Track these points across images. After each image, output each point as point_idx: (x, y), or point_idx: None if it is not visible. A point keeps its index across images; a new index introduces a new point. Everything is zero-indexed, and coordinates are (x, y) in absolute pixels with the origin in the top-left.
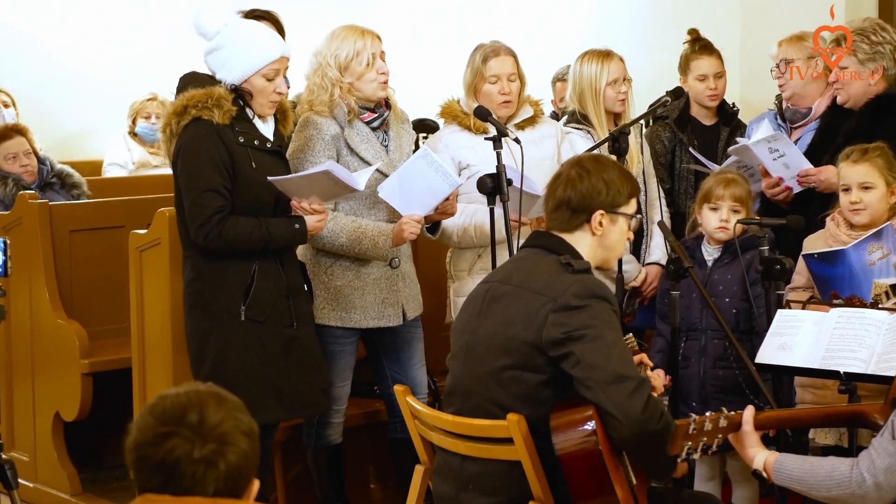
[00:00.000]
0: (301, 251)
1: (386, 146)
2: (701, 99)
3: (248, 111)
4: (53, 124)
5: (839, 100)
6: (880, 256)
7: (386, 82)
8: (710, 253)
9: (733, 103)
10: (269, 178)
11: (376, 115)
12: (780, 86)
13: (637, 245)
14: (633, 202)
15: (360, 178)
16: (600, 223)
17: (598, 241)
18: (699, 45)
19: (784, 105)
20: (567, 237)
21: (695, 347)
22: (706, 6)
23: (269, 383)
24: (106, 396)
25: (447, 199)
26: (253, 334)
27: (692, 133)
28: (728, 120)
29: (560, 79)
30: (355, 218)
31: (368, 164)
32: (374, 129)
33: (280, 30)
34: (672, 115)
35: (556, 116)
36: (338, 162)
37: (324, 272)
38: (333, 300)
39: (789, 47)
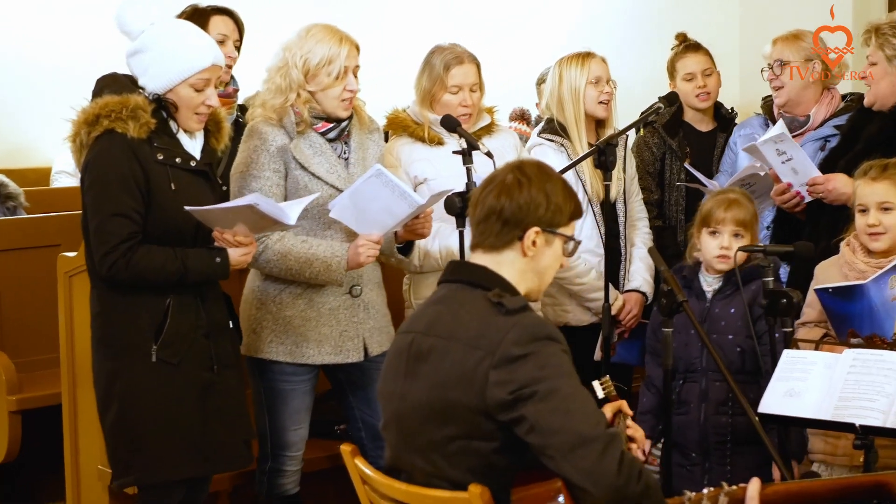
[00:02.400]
0: (250, 277)
1: (346, 159)
2: (691, 100)
3: (172, 124)
4: (2, 130)
5: (866, 101)
6: None
7: (351, 101)
8: (709, 283)
9: (731, 108)
10: (187, 207)
11: (332, 125)
12: (773, 88)
13: (613, 268)
14: (573, 225)
15: (291, 211)
16: (534, 242)
17: (529, 264)
18: (684, 45)
19: (776, 111)
20: (492, 259)
21: (694, 391)
22: (704, 5)
23: (182, 434)
24: (40, 433)
25: (418, 217)
26: (165, 378)
27: (685, 139)
28: (725, 125)
29: (545, 81)
30: (306, 238)
31: (321, 179)
32: (331, 141)
33: (240, 29)
34: (662, 120)
35: (522, 114)
36: (286, 178)
37: (271, 301)
38: (283, 332)
39: (785, 47)
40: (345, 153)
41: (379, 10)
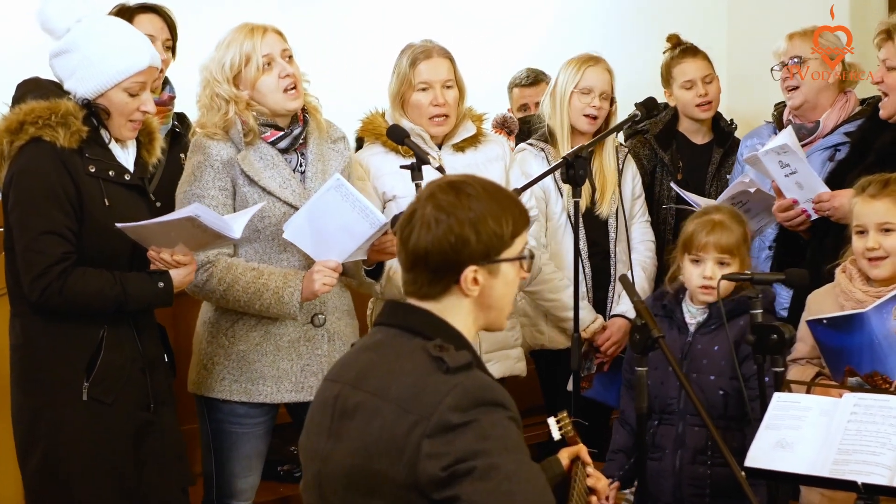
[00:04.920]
0: (203, 307)
1: (302, 172)
2: (690, 110)
3: (104, 133)
4: None
5: (882, 114)
6: None
7: (294, 88)
8: (692, 315)
9: (731, 120)
10: (118, 224)
11: (283, 133)
12: (787, 89)
13: (601, 289)
14: (520, 239)
15: (236, 224)
16: (474, 281)
17: (476, 303)
18: (681, 49)
19: (786, 116)
20: (434, 306)
21: (670, 435)
22: (690, 6)
23: (115, 481)
24: None
25: (386, 233)
26: (97, 418)
27: (678, 152)
28: (723, 139)
29: (518, 84)
30: (257, 265)
31: (273, 195)
32: (284, 152)
33: (171, 28)
34: (655, 129)
35: (504, 120)
36: (234, 194)
37: (223, 334)
38: (236, 369)
39: (804, 42)
40: (301, 165)
41: (353, 13)
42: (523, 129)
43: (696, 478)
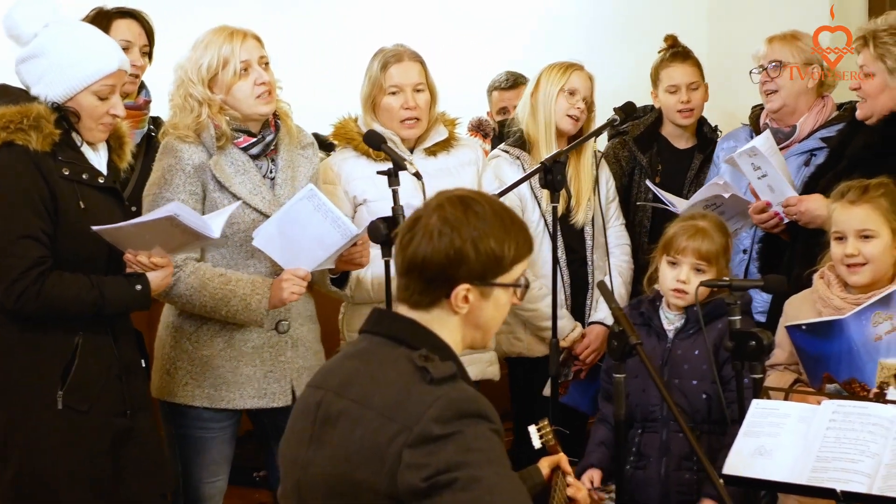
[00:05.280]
0: (166, 311)
1: (272, 178)
2: (672, 115)
3: (75, 137)
4: None
5: (859, 114)
6: (889, 329)
7: (269, 94)
8: (670, 321)
9: (716, 126)
10: (95, 227)
11: (255, 138)
12: (766, 93)
13: (579, 296)
14: (520, 267)
15: (214, 223)
16: (465, 299)
17: (463, 321)
18: (672, 52)
19: (763, 120)
20: (420, 315)
21: (654, 443)
22: (670, 9)
23: (93, 488)
24: None
25: (355, 243)
26: (73, 426)
27: (658, 155)
28: (706, 145)
29: (497, 87)
30: (224, 271)
31: (243, 201)
32: (255, 158)
33: (149, 33)
34: (635, 131)
35: (493, 131)
36: (204, 199)
37: (187, 339)
38: (199, 374)
39: (784, 47)
40: (271, 172)
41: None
42: (502, 132)
43: (683, 484)
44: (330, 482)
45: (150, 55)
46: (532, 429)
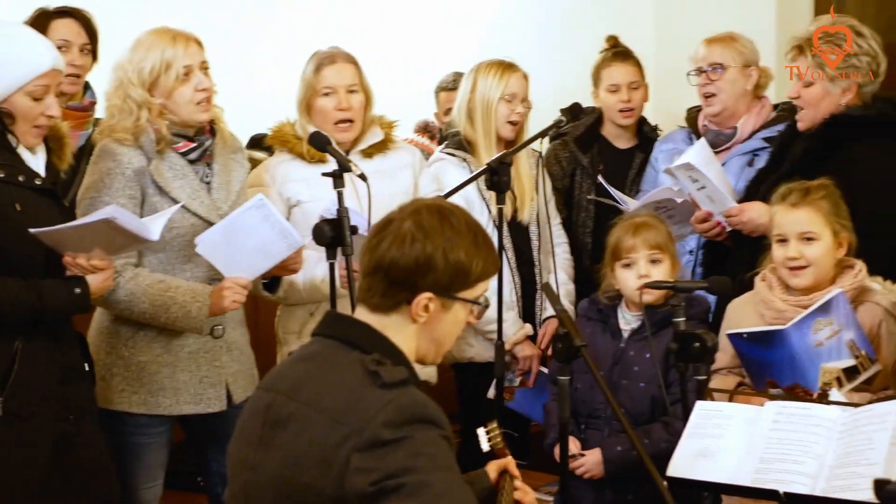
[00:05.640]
0: (99, 316)
1: (208, 183)
2: (612, 115)
3: (11, 138)
4: None
5: (801, 126)
6: (829, 335)
7: (208, 101)
8: (627, 321)
9: (656, 126)
10: (33, 230)
11: (195, 144)
12: (705, 96)
13: (528, 297)
14: (482, 285)
15: (153, 226)
16: (425, 308)
17: (420, 331)
18: (613, 52)
19: (702, 122)
20: (378, 320)
21: (596, 440)
22: (618, 9)
23: (35, 494)
24: None
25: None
26: (14, 433)
27: (599, 156)
28: (647, 144)
29: (445, 87)
30: (164, 277)
31: (183, 207)
32: (192, 163)
33: (91, 32)
34: (575, 132)
35: (440, 132)
36: (143, 203)
37: (123, 345)
38: (136, 380)
39: (724, 49)
40: (207, 177)
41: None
42: (445, 133)
43: (619, 482)
44: (278, 485)
45: (94, 54)
46: (481, 431)
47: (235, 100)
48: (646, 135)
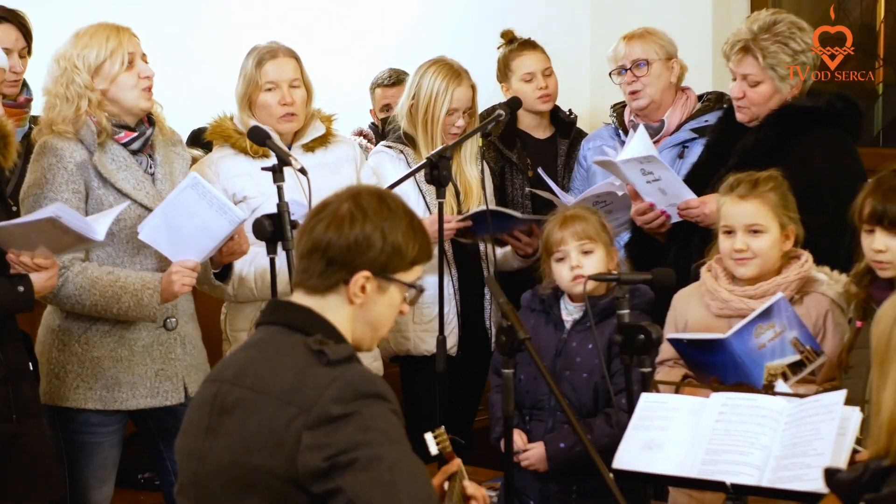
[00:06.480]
0: (48, 315)
1: (152, 174)
2: (531, 103)
3: None
4: None
5: (742, 119)
6: (772, 337)
7: (149, 89)
8: (569, 312)
9: (570, 110)
10: None
11: (136, 133)
12: (632, 92)
13: (474, 294)
14: (417, 269)
15: (98, 225)
16: (363, 288)
17: (357, 313)
18: (520, 42)
19: (629, 117)
20: (316, 302)
21: (539, 431)
22: (552, 5)
23: None
24: None
25: (232, 237)
26: None
27: (523, 150)
28: (566, 130)
29: (380, 84)
30: (112, 269)
31: (129, 197)
32: (134, 154)
33: (27, 35)
34: (497, 131)
35: (375, 129)
36: (87, 197)
37: (76, 341)
38: (90, 377)
39: (645, 45)
40: (150, 167)
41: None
42: (386, 129)
43: (563, 474)
44: (227, 471)
45: (28, 49)
46: (429, 436)
47: (172, 94)
48: (562, 120)
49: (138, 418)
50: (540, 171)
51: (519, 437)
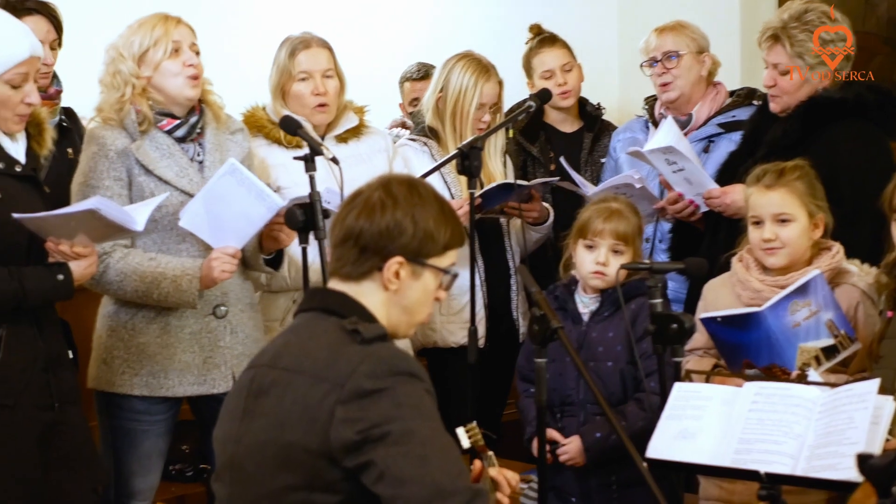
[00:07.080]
0: (103, 301)
1: (200, 162)
2: (553, 99)
3: None
4: None
5: (775, 109)
6: (807, 315)
7: (196, 77)
8: (585, 304)
9: (598, 103)
10: (17, 215)
11: (179, 121)
12: (662, 85)
13: (502, 285)
14: (451, 254)
15: (138, 215)
16: (396, 274)
17: (392, 299)
18: (539, 38)
19: (658, 110)
20: (351, 289)
21: (572, 426)
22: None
23: (20, 486)
24: None
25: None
26: None
27: (547, 143)
28: (592, 124)
29: (409, 78)
30: (155, 255)
31: (170, 184)
32: (180, 141)
33: (57, 27)
34: (519, 125)
35: (403, 124)
36: (130, 185)
37: (122, 327)
38: (136, 362)
39: (676, 37)
40: (198, 155)
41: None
42: (416, 122)
43: (601, 467)
44: (262, 450)
45: (59, 41)
46: (460, 431)
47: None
48: (589, 114)
49: (195, 405)
50: (562, 160)
51: (555, 436)
